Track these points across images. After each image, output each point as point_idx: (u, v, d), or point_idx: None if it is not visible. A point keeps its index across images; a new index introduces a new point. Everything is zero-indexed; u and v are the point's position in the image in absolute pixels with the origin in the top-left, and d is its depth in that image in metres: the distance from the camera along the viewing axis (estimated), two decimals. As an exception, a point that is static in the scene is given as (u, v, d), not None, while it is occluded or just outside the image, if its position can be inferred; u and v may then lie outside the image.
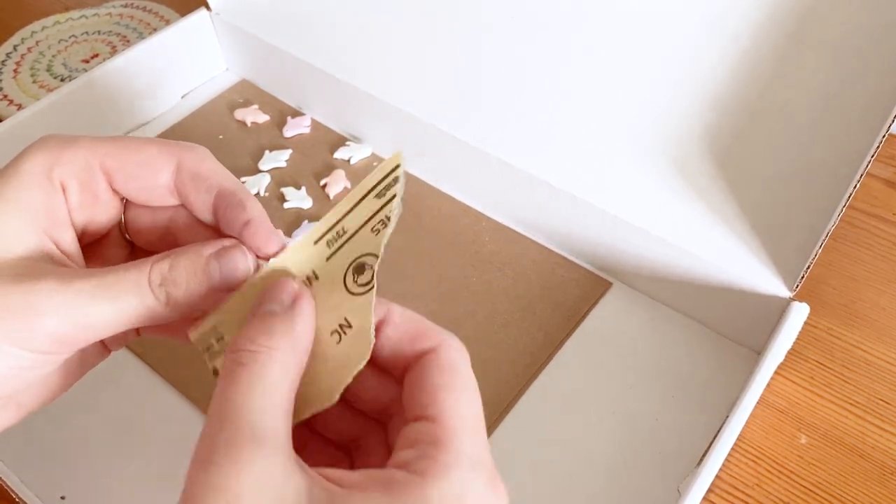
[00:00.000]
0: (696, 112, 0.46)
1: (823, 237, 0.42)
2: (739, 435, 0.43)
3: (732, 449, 0.43)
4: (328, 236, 0.28)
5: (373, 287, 0.26)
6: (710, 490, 0.42)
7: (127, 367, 0.47)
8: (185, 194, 0.29)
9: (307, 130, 0.62)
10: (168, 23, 0.75)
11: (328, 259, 0.27)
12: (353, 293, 0.27)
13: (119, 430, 0.45)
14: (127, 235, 0.31)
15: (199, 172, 0.29)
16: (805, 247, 0.44)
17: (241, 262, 0.27)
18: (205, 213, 0.29)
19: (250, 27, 0.63)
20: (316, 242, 0.28)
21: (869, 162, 0.40)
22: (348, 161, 0.60)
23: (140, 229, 0.31)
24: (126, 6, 0.78)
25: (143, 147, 0.29)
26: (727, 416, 0.41)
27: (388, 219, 0.26)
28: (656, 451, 0.43)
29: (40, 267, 0.26)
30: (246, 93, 0.66)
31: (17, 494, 0.40)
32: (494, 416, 0.45)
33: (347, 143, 0.61)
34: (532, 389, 0.46)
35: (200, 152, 0.29)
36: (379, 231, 0.27)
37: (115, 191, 0.29)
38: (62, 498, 0.42)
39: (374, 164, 0.60)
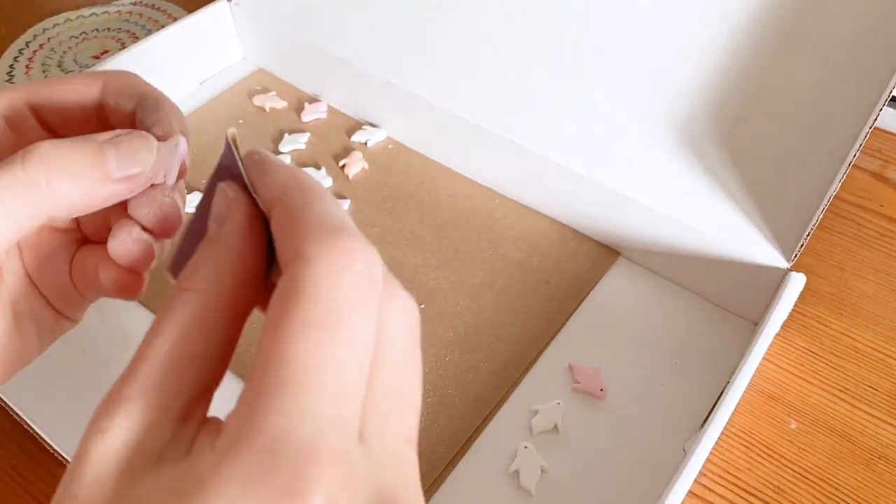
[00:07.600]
0: (700, 95, 0.45)
1: (820, 210, 0.42)
2: (730, 420, 0.43)
3: (724, 433, 0.43)
4: None
5: None
6: (701, 473, 0.41)
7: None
8: (112, 111, 0.28)
9: (324, 116, 0.60)
10: (176, 20, 0.72)
11: None
12: None
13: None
14: None
15: (122, 87, 0.27)
16: (802, 220, 0.43)
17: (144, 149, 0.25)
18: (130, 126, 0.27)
19: (268, 16, 0.61)
20: None
21: (862, 143, 0.39)
22: (365, 144, 0.58)
23: None
24: (135, 3, 0.75)
25: (68, 77, 0.28)
26: (729, 381, 0.41)
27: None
28: (662, 412, 0.43)
29: None
30: (263, 81, 0.64)
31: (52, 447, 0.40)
32: (514, 379, 0.44)
33: (364, 126, 0.59)
34: (547, 353, 0.46)
35: (125, 72, 0.28)
36: None
37: (47, 129, 0.28)
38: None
39: (390, 146, 0.58)
